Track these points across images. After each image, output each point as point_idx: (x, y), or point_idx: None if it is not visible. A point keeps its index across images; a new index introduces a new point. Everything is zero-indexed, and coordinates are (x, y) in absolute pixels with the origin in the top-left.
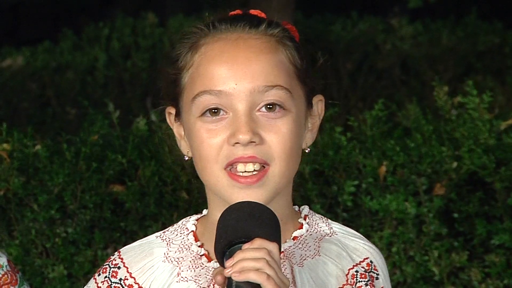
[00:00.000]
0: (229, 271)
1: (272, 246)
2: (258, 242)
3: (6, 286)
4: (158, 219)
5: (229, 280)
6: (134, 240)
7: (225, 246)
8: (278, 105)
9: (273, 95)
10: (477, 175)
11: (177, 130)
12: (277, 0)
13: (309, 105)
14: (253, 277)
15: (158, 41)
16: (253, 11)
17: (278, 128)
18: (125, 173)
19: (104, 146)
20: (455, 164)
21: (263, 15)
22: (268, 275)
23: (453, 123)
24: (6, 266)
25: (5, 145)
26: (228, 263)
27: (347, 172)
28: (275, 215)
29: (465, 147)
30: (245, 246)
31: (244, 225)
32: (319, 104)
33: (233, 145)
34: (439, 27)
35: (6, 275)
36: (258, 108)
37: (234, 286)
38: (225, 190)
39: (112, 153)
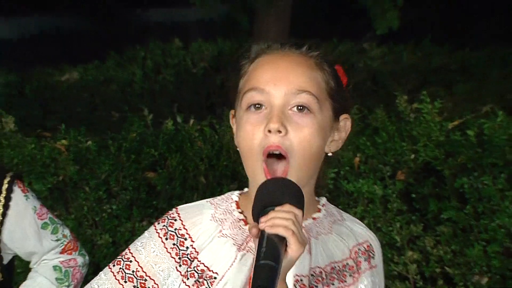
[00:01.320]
0: (263, 225)
1: (297, 211)
2: (287, 206)
3: (70, 251)
4: (183, 198)
5: (262, 232)
6: (163, 214)
7: (262, 208)
8: (306, 107)
9: (303, 98)
10: (430, 165)
11: (234, 129)
12: (275, 29)
13: (336, 119)
14: (281, 231)
15: (182, 60)
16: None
17: (302, 126)
18: (157, 163)
19: (140, 142)
20: (412, 156)
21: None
22: (293, 232)
23: (411, 124)
24: (69, 236)
25: (63, 141)
26: (262, 219)
27: (329, 162)
28: (301, 190)
29: (421, 143)
30: (277, 208)
31: (278, 193)
32: (346, 121)
33: (266, 134)
34: (401, 49)
35: (70, 243)
36: (290, 107)
37: (265, 237)
38: (260, 180)
39: (147, 147)
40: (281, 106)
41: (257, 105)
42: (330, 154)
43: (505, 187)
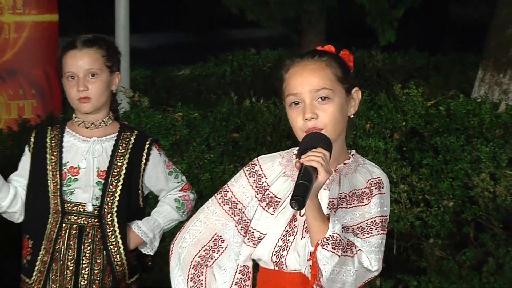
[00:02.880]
0: (303, 160)
1: (326, 152)
2: (319, 149)
3: (185, 190)
4: (256, 150)
5: (302, 165)
6: (243, 162)
7: (304, 150)
8: (326, 97)
9: (322, 92)
10: (415, 129)
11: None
12: (315, 41)
13: (349, 93)
14: (314, 164)
15: (256, 62)
16: (327, 47)
17: (326, 109)
18: (239, 127)
19: (229, 114)
20: (404, 123)
21: (332, 49)
22: (321, 164)
23: (403, 102)
24: (185, 180)
25: (179, 113)
26: (302, 156)
27: (351, 124)
28: (330, 139)
29: (409, 114)
30: (313, 149)
31: (314, 141)
32: (357, 92)
33: (305, 120)
34: (396, 54)
35: (186, 185)
36: (316, 99)
37: (303, 167)
38: None
39: (233, 117)
40: (310, 101)
41: (295, 102)
42: (352, 116)
43: (464, 144)
